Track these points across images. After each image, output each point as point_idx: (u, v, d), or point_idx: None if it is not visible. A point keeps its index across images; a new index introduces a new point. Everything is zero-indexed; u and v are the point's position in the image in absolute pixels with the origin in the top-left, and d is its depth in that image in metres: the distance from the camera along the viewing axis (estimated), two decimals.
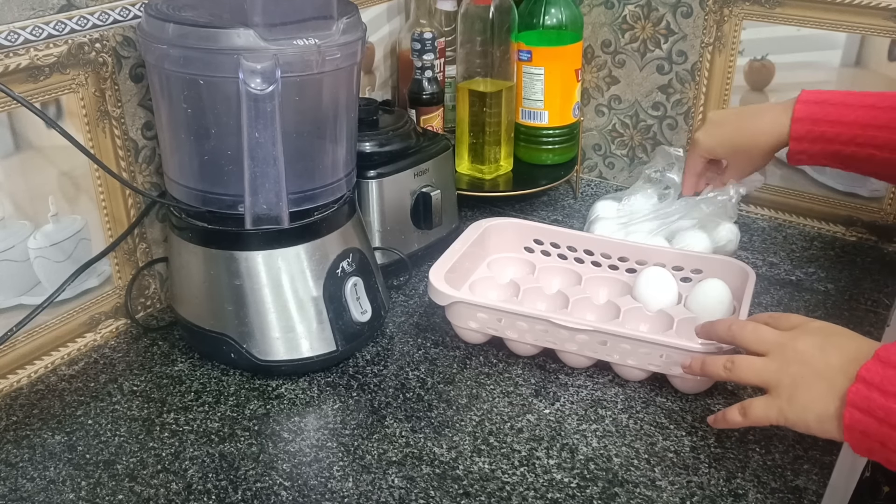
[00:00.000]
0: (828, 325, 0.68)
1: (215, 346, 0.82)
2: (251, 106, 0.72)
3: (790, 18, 1.05)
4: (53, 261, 0.82)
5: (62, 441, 0.75)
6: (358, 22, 0.79)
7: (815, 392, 0.63)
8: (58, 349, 0.85)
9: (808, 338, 0.66)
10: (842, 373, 0.62)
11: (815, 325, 0.68)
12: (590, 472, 0.71)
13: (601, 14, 1.18)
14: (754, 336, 0.69)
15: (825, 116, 0.84)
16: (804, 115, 0.85)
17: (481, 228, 0.95)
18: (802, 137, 0.85)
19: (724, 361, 0.69)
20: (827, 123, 0.84)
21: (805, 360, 0.64)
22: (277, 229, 0.78)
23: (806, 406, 0.63)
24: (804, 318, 0.70)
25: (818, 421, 0.62)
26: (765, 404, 0.66)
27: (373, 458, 0.72)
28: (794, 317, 0.70)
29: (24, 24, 0.74)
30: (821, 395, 0.62)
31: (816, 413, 0.62)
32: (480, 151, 1.13)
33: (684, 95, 1.16)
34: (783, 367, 0.65)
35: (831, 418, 0.61)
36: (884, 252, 1.08)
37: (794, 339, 0.66)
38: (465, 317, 0.84)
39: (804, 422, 0.63)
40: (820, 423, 0.62)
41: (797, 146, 0.86)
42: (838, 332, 0.67)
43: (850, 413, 0.60)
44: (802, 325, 0.68)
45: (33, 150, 0.78)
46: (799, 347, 0.65)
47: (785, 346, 0.66)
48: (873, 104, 0.83)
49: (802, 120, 0.85)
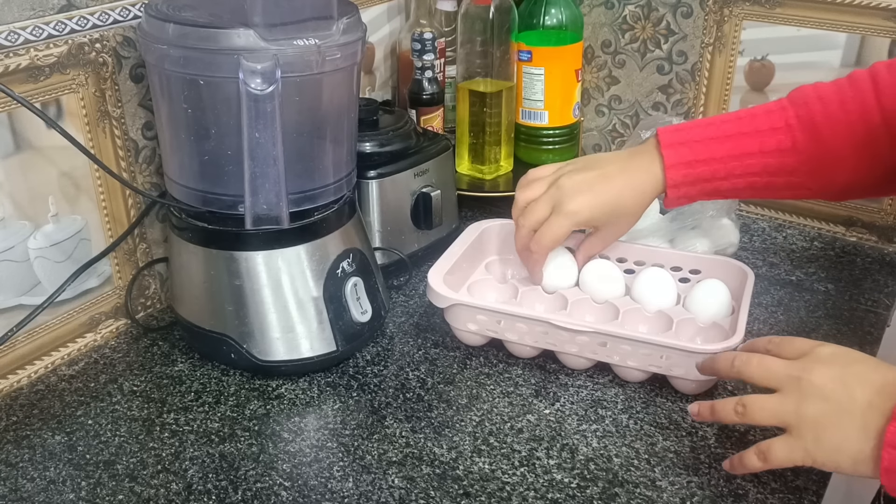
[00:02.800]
0: (840, 350, 0.63)
1: (215, 346, 0.82)
2: (251, 106, 0.72)
3: (790, 18, 1.05)
4: (53, 261, 0.82)
5: (62, 441, 0.75)
6: (358, 22, 0.79)
7: (844, 432, 0.58)
8: (58, 349, 0.85)
9: (823, 369, 0.61)
10: (871, 408, 0.57)
11: (826, 352, 0.63)
12: (590, 473, 0.71)
13: (601, 14, 1.18)
14: (761, 370, 0.64)
15: (696, 157, 0.80)
16: (675, 160, 0.80)
17: (479, 230, 0.95)
18: (680, 183, 0.80)
19: (734, 405, 0.64)
20: (700, 164, 0.80)
21: (825, 395, 0.60)
22: (277, 229, 0.78)
23: (837, 447, 0.59)
24: (810, 343, 0.64)
25: (852, 462, 0.58)
26: (787, 446, 0.61)
27: (373, 459, 0.72)
28: (798, 341, 0.65)
29: (24, 25, 0.74)
30: (853, 434, 0.58)
31: (850, 455, 0.58)
32: (480, 152, 1.13)
33: (684, 96, 1.16)
34: (801, 403, 0.60)
35: (867, 459, 0.57)
36: (884, 252, 1.08)
37: (808, 370, 0.61)
38: (465, 319, 0.84)
39: (835, 463, 0.59)
40: (854, 464, 0.58)
41: (675, 192, 0.81)
42: (855, 360, 0.62)
43: (888, 454, 0.56)
44: (812, 353, 0.63)
45: (33, 150, 0.78)
46: (816, 380, 0.60)
47: (800, 380, 0.61)
48: (739, 131, 0.80)
49: (675, 166, 0.80)
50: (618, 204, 0.82)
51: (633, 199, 0.82)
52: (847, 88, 0.78)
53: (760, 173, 0.80)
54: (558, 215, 0.82)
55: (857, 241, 1.10)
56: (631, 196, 0.82)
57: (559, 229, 0.82)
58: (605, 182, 0.82)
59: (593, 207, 0.82)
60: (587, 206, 0.82)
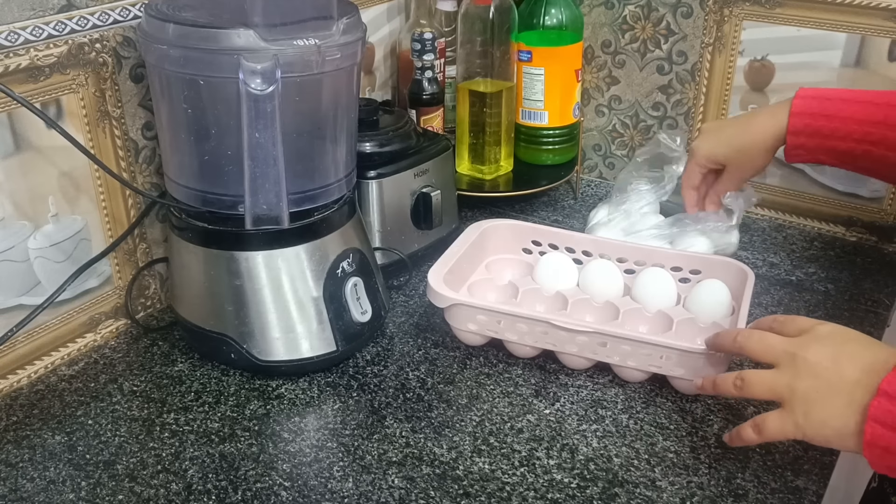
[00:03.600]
0: (838, 329, 0.65)
1: (215, 346, 0.82)
2: (251, 106, 0.72)
3: (790, 19, 1.05)
4: (53, 261, 0.82)
5: (62, 441, 0.75)
6: (358, 22, 0.79)
7: (832, 407, 0.61)
8: (58, 349, 0.85)
9: (818, 347, 0.63)
10: (860, 385, 0.59)
11: (824, 331, 0.65)
12: (590, 473, 0.71)
13: (601, 14, 1.18)
14: (761, 346, 0.67)
15: (822, 111, 0.84)
16: (801, 109, 0.85)
17: (479, 230, 0.95)
18: (800, 132, 0.85)
19: (733, 378, 0.67)
20: (824, 118, 0.84)
21: (818, 371, 0.62)
22: (277, 229, 0.78)
23: (824, 421, 0.61)
24: (812, 322, 0.67)
25: (838, 437, 0.61)
26: (780, 419, 0.64)
27: (373, 459, 0.72)
28: (801, 320, 0.68)
29: (24, 25, 0.74)
30: (839, 409, 0.60)
31: (836, 428, 0.60)
32: (480, 152, 1.13)
33: (684, 96, 1.16)
34: (795, 379, 0.63)
35: (852, 434, 0.59)
36: (884, 252, 1.08)
37: (804, 347, 0.64)
38: (465, 319, 0.84)
39: (823, 437, 0.62)
40: (840, 438, 0.60)
41: (794, 140, 0.85)
42: (850, 339, 0.64)
43: (871, 428, 0.58)
44: (811, 331, 0.65)
45: (33, 150, 0.78)
46: (810, 358, 0.63)
47: (795, 356, 0.64)
48: (870, 100, 0.83)
49: (800, 114, 0.85)
50: (742, 140, 0.89)
51: (757, 136, 0.88)
52: None
53: (878, 143, 0.82)
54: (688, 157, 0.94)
55: (857, 241, 1.10)
56: (755, 133, 0.88)
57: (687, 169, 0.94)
58: (734, 121, 0.91)
59: (717, 143, 0.91)
60: (710, 142, 0.92)
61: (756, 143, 0.88)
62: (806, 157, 0.87)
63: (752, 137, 0.89)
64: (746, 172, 0.92)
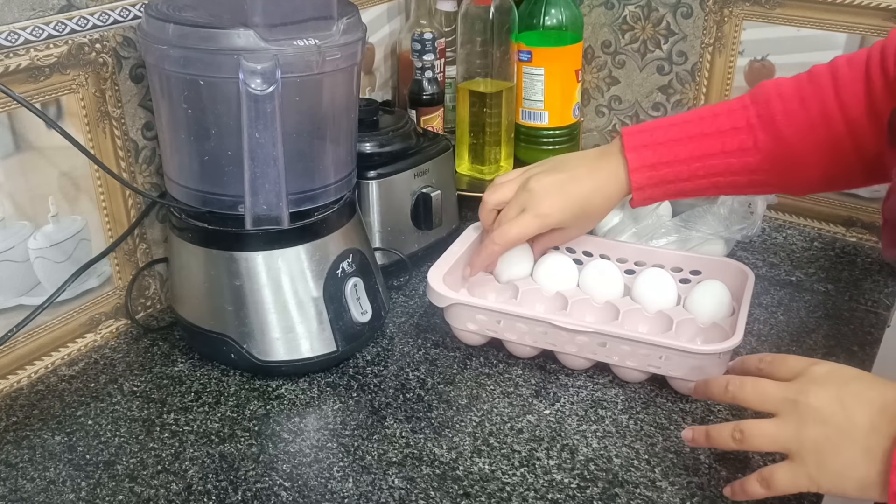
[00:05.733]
0: (834, 368, 0.62)
1: (215, 346, 0.82)
2: (251, 106, 0.72)
3: (790, 19, 1.05)
4: (53, 261, 0.82)
5: (62, 441, 0.75)
6: (358, 22, 0.79)
7: (847, 456, 0.57)
8: (58, 349, 0.85)
9: (820, 390, 0.59)
10: (874, 431, 0.56)
11: (821, 371, 0.61)
12: (590, 473, 0.71)
13: (601, 15, 1.18)
14: (756, 396, 0.63)
15: (659, 159, 0.81)
16: (639, 164, 0.82)
17: (479, 230, 0.95)
18: (644, 186, 0.82)
19: (731, 431, 0.63)
20: (663, 166, 0.81)
21: (824, 418, 0.58)
22: (277, 230, 0.78)
23: (841, 473, 0.57)
24: (804, 362, 0.63)
25: (859, 488, 0.57)
26: (790, 472, 0.59)
27: (373, 459, 0.72)
28: (792, 359, 0.64)
29: (24, 25, 0.74)
30: (856, 459, 0.57)
31: (855, 479, 0.57)
32: (481, 152, 1.13)
33: (684, 96, 1.16)
34: (801, 428, 0.59)
35: (874, 484, 0.56)
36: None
37: (804, 392, 0.60)
38: (464, 318, 0.84)
39: (841, 489, 0.58)
40: (861, 489, 0.57)
41: (640, 195, 0.83)
42: (851, 378, 0.60)
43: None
44: (806, 373, 0.61)
45: (33, 150, 0.78)
46: (813, 403, 0.59)
47: (797, 403, 0.59)
48: (700, 132, 0.81)
49: (639, 169, 0.82)
50: (586, 206, 0.85)
51: (601, 201, 0.85)
52: (807, 85, 0.79)
53: (723, 173, 0.81)
54: (528, 214, 0.84)
55: (857, 242, 1.10)
56: (599, 199, 0.85)
57: (528, 227, 0.84)
58: (574, 184, 0.84)
59: (563, 210, 0.84)
60: (558, 209, 0.84)
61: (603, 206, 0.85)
62: (653, 202, 0.86)
63: (598, 202, 0.85)
64: (582, 232, 0.91)
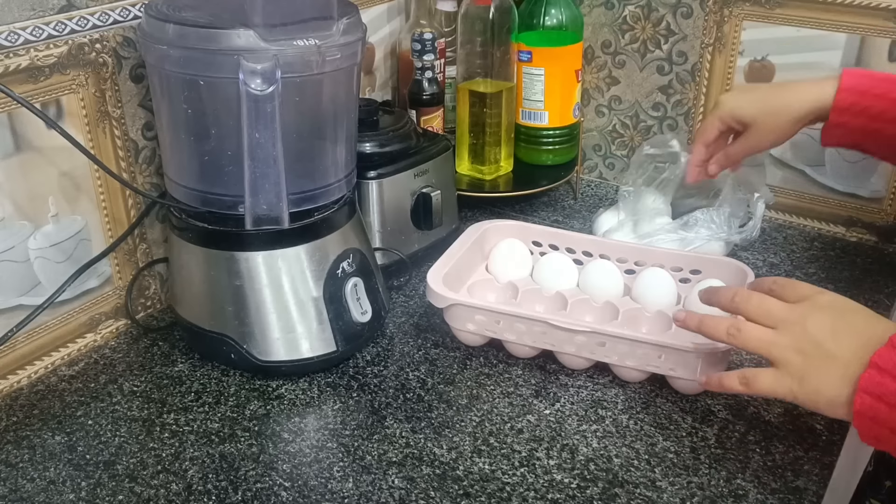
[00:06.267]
0: (837, 299, 0.66)
1: (215, 346, 0.82)
2: (251, 106, 0.72)
3: (790, 19, 1.05)
4: (53, 261, 0.82)
5: (62, 441, 0.75)
6: (358, 22, 0.79)
7: (827, 377, 0.62)
8: (58, 349, 0.85)
9: (818, 316, 0.64)
10: (855, 358, 0.61)
11: (824, 300, 0.65)
12: (590, 473, 0.71)
13: (601, 15, 1.18)
14: (760, 309, 0.66)
15: (872, 89, 0.80)
16: (851, 85, 0.80)
17: (480, 230, 0.95)
18: (846, 109, 0.80)
19: (728, 325, 0.67)
20: (873, 97, 0.80)
21: (817, 341, 0.63)
22: (277, 230, 0.78)
23: (818, 389, 0.62)
24: (812, 289, 0.67)
25: (829, 405, 0.62)
26: (773, 379, 0.64)
27: (373, 459, 0.72)
28: (801, 286, 0.68)
29: (24, 25, 0.74)
30: (834, 380, 0.61)
31: (828, 397, 0.62)
32: (480, 152, 1.13)
33: (684, 96, 1.16)
34: (793, 344, 0.64)
35: (843, 404, 0.61)
36: (884, 252, 1.08)
37: (804, 316, 0.64)
38: (464, 319, 0.84)
39: (814, 403, 0.63)
40: (831, 406, 0.62)
41: (838, 118, 0.80)
42: (850, 310, 0.65)
43: (861, 399, 0.59)
44: (811, 299, 0.66)
45: (33, 150, 0.78)
46: (810, 327, 0.64)
47: (795, 324, 0.64)
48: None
49: (849, 90, 0.80)
50: (775, 102, 0.83)
51: (793, 101, 0.82)
52: None
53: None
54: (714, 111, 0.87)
55: (857, 242, 1.10)
56: (791, 98, 0.82)
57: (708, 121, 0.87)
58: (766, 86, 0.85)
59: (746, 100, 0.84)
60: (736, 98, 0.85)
61: (790, 107, 0.83)
62: (842, 138, 0.83)
63: (786, 101, 0.83)
64: (767, 138, 0.86)
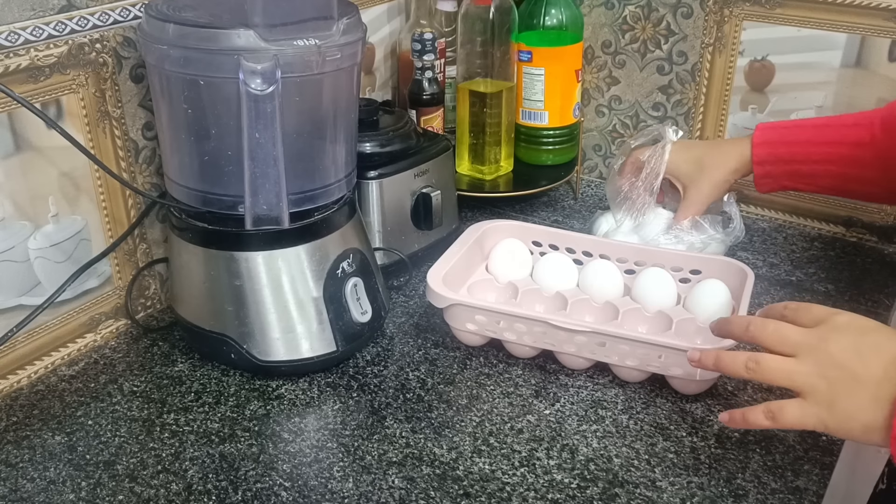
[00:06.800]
0: (856, 318, 0.64)
1: (215, 346, 0.82)
2: (251, 106, 0.72)
3: (790, 19, 1.05)
4: (53, 261, 0.82)
5: (62, 441, 0.75)
6: (358, 22, 0.79)
7: (858, 400, 0.60)
8: (58, 349, 0.85)
9: (839, 338, 0.62)
10: (886, 379, 0.59)
11: (843, 321, 0.63)
12: (590, 473, 0.71)
13: (601, 15, 1.18)
14: (777, 337, 0.64)
15: (780, 139, 0.91)
16: (762, 139, 0.92)
17: (480, 230, 0.95)
18: (764, 161, 0.92)
19: (745, 360, 0.64)
20: (783, 145, 0.91)
21: (841, 364, 0.61)
22: (278, 230, 0.78)
23: (850, 415, 0.60)
24: (827, 311, 0.65)
25: (863, 431, 0.60)
26: (800, 410, 0.62)
27: (373, 459, 0.72)
28: (816, 308, 0.66)
29: (24, 25, 0.74)
30: (865, 403, 0.59)
31: (862, 423, 0.60)
32: (481, 152, 1.13)
33: (685, 96, 1.16)
34: (817, 371, 0.61)
35: (878, 428, 0.59)
36: (884, 252, 1.08)
37: (824, 340, 0.62)
38: (463, 319, 0.84)
39: (847, 430, 0.61)
40: (865, 433, 0.60)
41: (760, 170, 0.92)
42: (870, 329, 0.63)
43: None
44: (828, 321, 0.64)
45: (33, 150, 0.78)
46: (832, 350, 0.61)
47: (816, 349, 0.62)
48: (824, 124, 0.92)
49: (761, 144, 0.92)
50: (708, 160, 0.95)
51: (721, 157, 0.94)
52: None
53: (837, 162, 0.89)
54: None
55: (857, 242, 1.10)
56: (720, 155, 0.95)
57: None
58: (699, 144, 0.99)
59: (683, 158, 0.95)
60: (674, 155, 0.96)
61: (720, 163, 0.94)
62: (773, 185, 0.94)
63: (718, 160, 0.95)
64: (704, 195, 0.95)
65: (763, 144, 0.92)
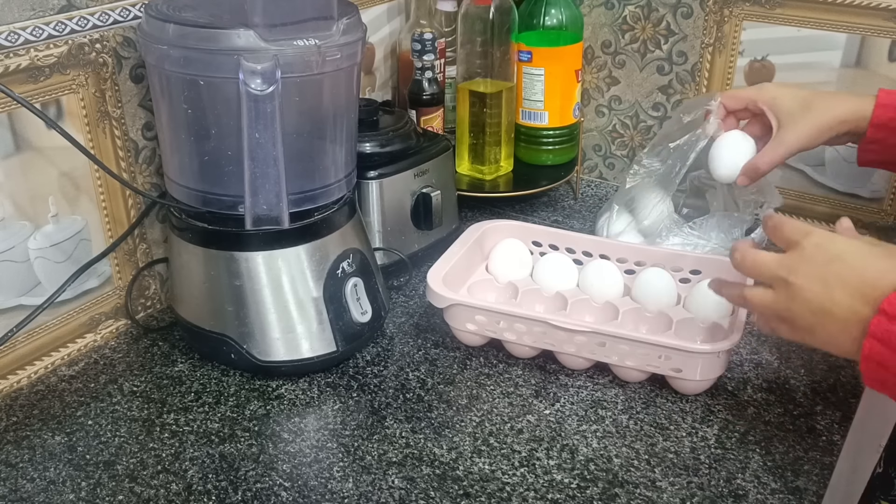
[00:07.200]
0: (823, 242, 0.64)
1: (215, 346, 0.82)
2: (251, 106, 0.72)
3: (790, 19, 1.05)
4: (54, 261, 0.82)
5: (62, 442, 0.75)
6: (358, 22, 0.79)
7: (829, 331, 0.63)
8: (58, 350, 0.85)
9: (807, 269, 0.64)
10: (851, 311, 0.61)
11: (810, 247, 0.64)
12: (590, 473, 0.71)
13: (601, 15, 1.18)
14: (755, 270, 0.68)
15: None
16: (888, 102, 0.81)
17: (480, 230, 0.95)
18: (884, 124, 0.81)
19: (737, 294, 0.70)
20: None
21: (808, 298, 0.63)
22: (278, 230, 0.78)
23: (826, 343, 0.63)
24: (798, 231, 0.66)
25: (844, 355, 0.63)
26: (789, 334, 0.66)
27: (373, 459, 0.72)
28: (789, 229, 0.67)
29: (24, 25, 0.74)
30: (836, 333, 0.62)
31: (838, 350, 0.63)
32: (480, 152, 1.13)
33: (685, 96, 1.16)
34: (790, 304, 0.64)
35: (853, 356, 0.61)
36: None
37: (792, 272, 0.64)
38: (463, 319, 0.84)
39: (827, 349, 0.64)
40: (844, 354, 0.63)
41: (875, 133, 0.82)
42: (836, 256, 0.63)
43: (869, 344, 0.59)
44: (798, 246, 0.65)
45: (33, 150, 0.78)
46: (799, 282, 0.64)
47: (786, 282, 0.65)
48: None
49: (886, 106, 0.81)
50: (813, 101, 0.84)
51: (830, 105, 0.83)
52: None
53: None
54: None
55: None
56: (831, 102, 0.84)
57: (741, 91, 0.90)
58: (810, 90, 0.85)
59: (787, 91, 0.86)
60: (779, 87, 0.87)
61: (831, 107, 0.84)
62: (878, 156, 0.84)
63: (829, 107, 0.83)
64: (801, 139, 0.84)
65: (889, 106, 0.81)
